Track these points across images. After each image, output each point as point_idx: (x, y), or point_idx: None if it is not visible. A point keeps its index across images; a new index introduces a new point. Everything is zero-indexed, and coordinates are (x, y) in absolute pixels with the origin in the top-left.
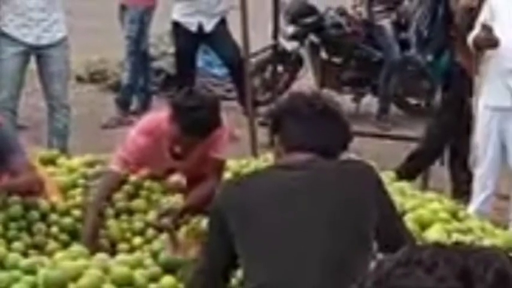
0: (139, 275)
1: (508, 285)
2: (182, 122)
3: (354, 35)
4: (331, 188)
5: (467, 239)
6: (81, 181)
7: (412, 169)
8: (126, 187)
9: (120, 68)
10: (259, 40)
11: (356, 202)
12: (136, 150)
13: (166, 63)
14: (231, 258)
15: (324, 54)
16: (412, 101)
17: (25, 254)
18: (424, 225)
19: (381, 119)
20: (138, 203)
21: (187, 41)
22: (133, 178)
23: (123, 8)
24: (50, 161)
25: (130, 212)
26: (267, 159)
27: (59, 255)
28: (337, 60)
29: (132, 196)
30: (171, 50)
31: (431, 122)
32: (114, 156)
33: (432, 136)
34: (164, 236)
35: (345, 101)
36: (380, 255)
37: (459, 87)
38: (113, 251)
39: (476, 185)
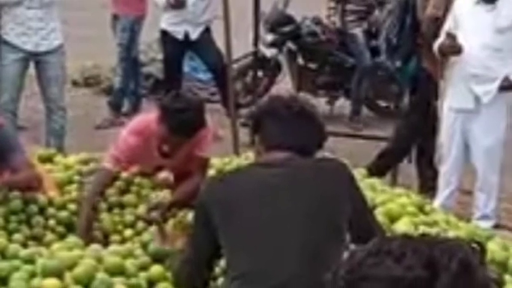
0: (130, 264)
1: (471, 273)
2: (170, 123)
3: (328, 43)
4: (307, 184)
5: (433, 231)
6: (76, 177)
7: (382, 166)
8: (118, 183)
9: (113, 73)
10: (241, 47)
11: (331, 197)
12: (127, 149)
13: (155, 69)
14: (214, 249)
15: (300, 60)
16: (382, 103)
17: (25, 245)
18: (393, 218)
19: (353, 120)
20: (129, 197)
21: (175, 48)
22: (124, 175)
23: (115, 17)
24: (47, 159)
25: (122, 206)
26: (248, 157)
27: (56, 246)
28: (312, 65)
29: (123, 191)
30: (160, 56)
31: (399, 123)
32: (107, 154)
33: (401, 136)
34: (153, 228)
35: (320, 103)
36: (352, 246)
37: (425, 91)
38: (105, 242)
39: (441, 181)
